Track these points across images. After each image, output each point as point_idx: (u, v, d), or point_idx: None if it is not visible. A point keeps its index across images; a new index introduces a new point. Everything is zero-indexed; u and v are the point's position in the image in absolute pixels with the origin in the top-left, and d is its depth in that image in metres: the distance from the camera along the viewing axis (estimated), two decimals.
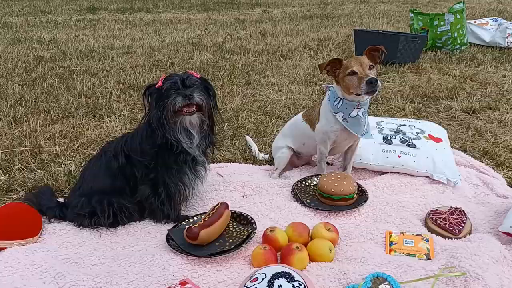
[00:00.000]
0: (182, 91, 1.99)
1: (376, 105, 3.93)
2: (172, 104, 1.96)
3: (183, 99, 1.97)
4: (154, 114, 2.00)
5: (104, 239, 1.96)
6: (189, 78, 2.05)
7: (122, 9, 11.62)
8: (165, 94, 1.99)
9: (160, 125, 1.99)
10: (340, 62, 2.29)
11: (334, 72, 2.31)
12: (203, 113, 2.08)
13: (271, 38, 7.46)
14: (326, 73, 2.33)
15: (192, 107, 2.01)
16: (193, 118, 2.05)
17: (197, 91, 2.03)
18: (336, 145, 2.44)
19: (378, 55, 2.35)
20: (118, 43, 6.90)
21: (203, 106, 2.06)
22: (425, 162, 2.52)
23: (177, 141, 2.02)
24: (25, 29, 8.26)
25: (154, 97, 2.01)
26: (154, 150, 2.01)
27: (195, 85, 2.06)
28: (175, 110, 1.98)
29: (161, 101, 1.98)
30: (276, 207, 2.21)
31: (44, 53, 6.12)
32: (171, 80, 2.02)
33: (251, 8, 12.34)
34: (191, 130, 2.07)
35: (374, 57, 2.34)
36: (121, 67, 5.34)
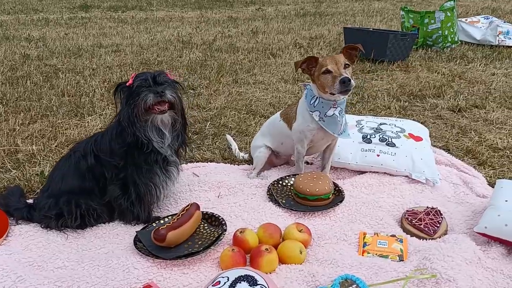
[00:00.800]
0: (154, 88, 1.95)
1: (362, 103, 3.90)
2: (143, 101, 1.92)
3: (154, 96, 1.93)
4: (124, 112, 1.96)
5: (71, 241, 1.92)
6: (161, 76, 2.01)
7: (115, 7, 11.56)
8: (136, 91, 1.94)
9: (130, 123, 1.95)
10: (316, 60, 2.25)
11: (310, 70, 2.28)
12: (176, 111, 2.04)
13: (262, 36, 7.42)
14: (302, 71, 2.30)
15: (164, 105, 1.97)
16: (164, 116, 2.00)
17: (169, 89, 1.99)
18: (313, 144, 2.40)
19: (356, 54, 2.32)
20: (107, 41, 6.85)
21: (176, 104, 2.02)
22: (404, 161, 2.48)
23: (148, 140, 1.98)
24: (15, 27, 8.20)
25: (125, 94, 1.97)
26: (123, 149, 1.97)
27: (167, 83, 2.02)
28: (146, 108, 1.94)
29: (132, 99, 1.94)
30: (250, 208, 2.17)
31: (32, 51, 6.07)
32: (142, 77, 1.97)
33: (245, 6, 12.29)
34: (162, 129, 2.02)
35: (352, 56, 2.30)
36: (108, 66, 5.29)
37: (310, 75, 2.29)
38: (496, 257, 1.85)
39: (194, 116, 3.63)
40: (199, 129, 3.33)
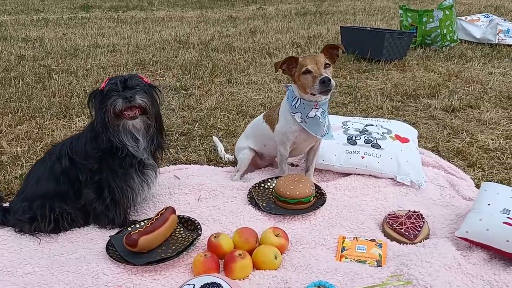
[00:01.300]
0: (123, 93, 1.91)
1: (354, 103, 3.85)
2: (112, 106, 1.88)
3: (123, 101, 1.89)
4: (98, 117, 1.93)
5: (44, 246, 1.89)
6: (132, 79, 1.97)
7: (115, 7, 11.55)
8: (107, 95, 1.91)
9: (104, 129, 1.91)
10: (296, 60, 2.21)
11: (290, 71, 2.24)
12: (148, 116, 2.00)
13: (260, 35, 7.37)
14: (282, 71, 2.26)
15: (134, 110, 1.92)
16: (136, 122, 1.96)
17: (140, 93, 1.94)
18: (296, 146, 2.37)
19: (337, 53, 2.28)
20: (104, 41, 6.84)
21: (148, 109, 1.97)
22: (389, 163, 2.43)
23: (122, 145, 1.95)
24: (15, 28, 8.21)
25: (98, 100, 1.94)
26: (99, 154, 1.94)
27: (139, 86, 1.97)
28: (115, 113, 1.90)
29: (103, 104, 1.91)
30: (229, 212, 2.13)
31: (28, 52, 6.07)
32: (112, 81, 1.94)
33: (246, 5, 12.24)
34: (136, 134, 1.99)
35: (332, 55, 2.26)
36: (102, 66, 5.28)
37: (290, 75, 2.25)
38: (477, 262, 1.80)
39: (184, 117, 3.59)
40: (187, 130, 3.30)
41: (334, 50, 2.26)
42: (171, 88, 4.37)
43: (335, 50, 2.26)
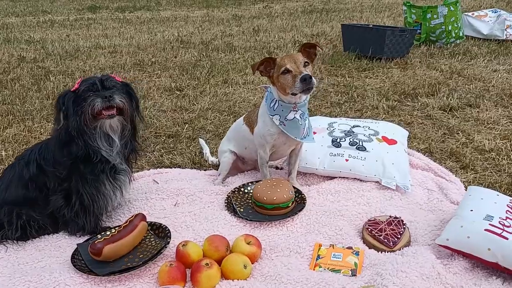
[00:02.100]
0: (101, 92, 1.87)
1: (350, 103, 3.75)
2: (90, 106, 1.84)
3: (102, 101, 1.86)
4: (72, 121, 1.88)
5: (10, 254, 1.85)
6: (109, 80, 1.94)
7: (122, 8, 11.57)
8: (83, 97, 1.87)
9: (80, 133, 1.87)
10: (274, 61, 2.15)
11: (268, 73, 2.17)
12: (125, 117, 1.96)
13: (263, 34, 7.29)
14: (260, 73, 2.19)
15: (112, 110, 1.89)
16: (113, 121, 1.93)
17: (118, 93, 1.91)
18: (276, 149, 2.30)
19: (315, 52, 2.21)
20: (106, 42, 6.83)
21: (124, 110, 1.94)
22: (374, 166, 2.35)
23: (97, 148, 1.90)
24: (20, 30, 8.26)
25: (71, 102, 1.89)
26: (70, 161, 1.89)
27: (116, 87, 1.94)
28: (93, 113, 1.86)
29: (79, 105, 1.86)
30: (204, 218, 2.08)
31: (29, 53, 6.08)
32: (89, 81, 1.90)
33: (252, 4, 12.16)
34: (111, 135, 1.95)
35: (310, 54, 2.19)
36: (100, 67, 5.26)
37: (268, 77, 2.18)
38: (458, 271, 1.72)
39: (174, 118, 3.55)
40: (176, 132, 3.25)
41: (311, 49, 2.19)
42: (165, 89, 4.33)
43: (312, 49, 2.19)
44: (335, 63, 5.11)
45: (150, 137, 3.20)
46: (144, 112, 3.68)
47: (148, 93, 4.20)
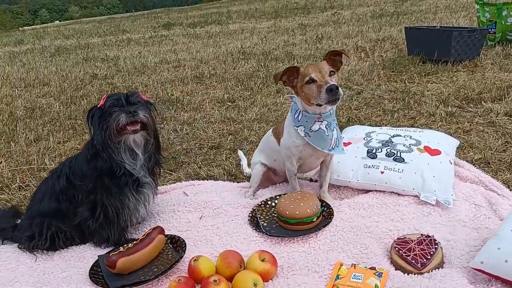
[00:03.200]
0: (126, 108, 1.92)
1: (404, 110, 3.53)
2: (115, 121, 1.90)
3: (126, 116, 1.91)
4: (97, 135, 1.95)
5: (39, 263, 1.94)
6: (133, 96, 1.99)
7: (195, 24, 12.02)
8: (108, 112, 1.93)
9: (104, 146, 1.93)
10: (297, 70, 2.06)
11: (291, 82, 2.09)
12: (148, 132, 2.00)
13: (326, 41, 7.18)
14: (283, 83, 2.11)
15: (136, 125, 1.94)
16: (137, 136, 1.97)
17: (142, 109, 1.96)
18: (303, 161, 2.20)
19: (340, 60, 2.09)
20: (173, 57, 7.11)
21: (148, 125, 1.98)
22: (412, 179, 2.16)
23: (121, 162, 1.95)
24: (99, 49, 8.88)
25: (97, 117, 1.96)
26: (95, 174, 1.96)
27: (140, 103, 1.99)
28: (118, 128, 1.91)
29: (104, 120, 1.93)
30: (225, 232, 2.04)
31: (102, 70, 6.50)
32: (114, 97, 1.96)
33: (322, 11, 12.05)
34: (135, 150, 1.99)
35: (336, 63, 2.08)
36: (162, 81, 5.47)
37: (292, 87, 2.10)
38: None
39: (222, 129, 3.57)
40: (219, 143, 3.26)
41: (337, 56, 2.08)
42: (218, 100, 4.38)
43: (338, 57, 2.08)
44: (396, 68, 4.86)
45: (194, 148, 3.24)
46: (193, 124, 3.74)
47: (201, 105, 4.27)
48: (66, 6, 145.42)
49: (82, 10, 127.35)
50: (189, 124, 3.77)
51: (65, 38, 11.89)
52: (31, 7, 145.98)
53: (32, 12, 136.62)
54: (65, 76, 6.37)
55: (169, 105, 4.37)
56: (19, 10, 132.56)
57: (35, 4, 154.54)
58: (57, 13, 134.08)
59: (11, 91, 5.76)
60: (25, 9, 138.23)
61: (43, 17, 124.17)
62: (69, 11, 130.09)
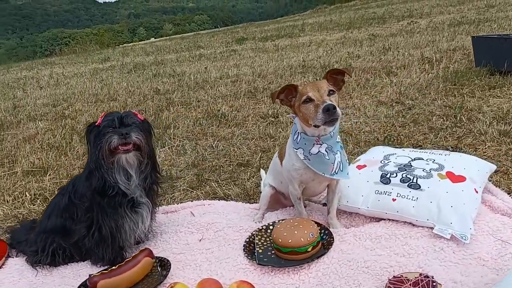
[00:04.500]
0: (119, 129, 1.95)
1: (452, 128, 3.22)
2: (107, 143, 1.93)
3: (119, 138, 1.93)
4: (92, 154, 2.00)
5: (39, 278, 2.01)
6: (128, 117, 2.01)
7: (266, 37, 12.12)
8: (103, 132, 1.97)
9: (98, 166, 1.97)
10: (295, 88, 1.95)
11: (289, 101, 1.98)
12: (142, 153, 2.00)
13: (392, 53, 6.83)
14: (280, 102, 2.01)
15: (128, 145, 1.95)
16: (129, 156, 1.98)
17: (135, 130, 1.97)
18: (305, 185, 2.07)
19: (343, 79, 1.95)
20: (234, 71, 7.19)
21: (142, 146, 1.98)
22: (427, 209, 1.94)
23: (114, 182, 1.98)
24: (171, 64, 9.26)
25: (93, 135, 2.01)
26: (90, 193, 2.00)
27: (135, 124, 2.00)
28: (110, 149, 1.94)
29: (99, 140, 1.97)
30: (216, 257, 1.97)
31: (166, 85, 6.75)
32: (109, 118, 2.00)
33: (398, 21, 11.54)
34: (129, 170, 2.00)
35: (337, 82, 1.94)
36: (217, 96, 5.54)
37: (290, 106, 1.99)
38: None
39: (258, 146, 3.51)
40: (247, 161, 3.20)
41: (338, 75, 1.94)
42: (261, 116, 4.33)
43: (340, 76, 1.94)
44: (459, 81, 4.47)
45: (224, 165, 3.21)
46: (230, 140, 3.73)
47: (244, 121, 4.25)
48: (161, 24, 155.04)
49: (175, 27, 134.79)
50: (227, 140, 3.75)
51: (146, 55, 12.59)
52: (130, 26, 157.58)
53: (131, 30, 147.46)
54: (132, 91, 6.71)
55: (213, 120, 4.40)
56: (120, 29, 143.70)
57: (134, 23, 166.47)
58: (153, 30, 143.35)
59: (82, 106, 6.19)
60: (125, 27, 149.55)
61: (140, 35, 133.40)
62: (163, 28, 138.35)
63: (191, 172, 3.15)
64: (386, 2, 19.11)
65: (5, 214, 2.89)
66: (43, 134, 4.87)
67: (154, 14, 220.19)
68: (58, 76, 10.20)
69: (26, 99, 7.51)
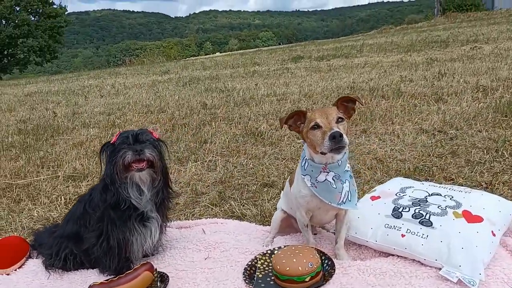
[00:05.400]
0: (133, 146, 2.03)
1: (490, 163, 3.03)
2: (121, 158, 2.01)
3: (133, 154, 2.01)
4: (107, 169, 2.09)
5: (50, 281, 2.11)
6: (143, 134, 2.08)
7: (322, 57, 12.06)
8: (117, 149, 2.06)
9: (112, 181, 2.05)
10: (304, 114, 1.94)
11: (298, 127, 1.97)
12: (155, 170, 2.07)
13: (447, 78, 6.57)
14: (289, 128, 2.00)
15: (142, 163, 2.02)
16: (142, 174, 2.05)
17: (149, 147, 2.04)
18: (312, 213, 2.03)
19: (353, 107, 1.91)
20: (283, 90, 7.22)
21: (155, 163, 2.05)
22: (436, 248, 1.84)
23: (127, 196, 2.05)
24: (224, 80, 9.45)
25: (109, 152, 2.10)
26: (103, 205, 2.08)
27: (149, 141, 2.07)
28: (124, 165, 2.02)
29: (113, 156, 2.06)
30: (215, 278, 1.97)
31: (214, 100, 6.89)
32: (124, 135, 2.08)
33: (461, 45, 11.09)
34: (141, 186, 2.07)
35: (347, 109, 1.91)
36: (260, 113, 5.57)
37: (298, 132, 1.98)
38: None
39: (286, 166, 3.50)
40: (272, 181, 3.19)
41: (349, 103, 1.90)
42: (296, 136, 4.31)
43: (350, 103, 1.90)
44: (511, 112, 4.22)
45: (249, 184, 3.23)
46: (261, 159, 3.74)
47: (279, 140, 4.25)
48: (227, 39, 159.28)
49: (240, 42, 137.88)
50: (258, 159, 3.77)
51: (203, 69, 12.94)
52: (198, 40, 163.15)
53: (198, 44, 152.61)
54: (181, 104, 6.91)
55: (250, 138, 4.43)
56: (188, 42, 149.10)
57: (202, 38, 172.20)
58: (219, 45, 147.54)
59: (132, 115, 6.46)
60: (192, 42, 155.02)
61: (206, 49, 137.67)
62: (229, 43, 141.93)
63: (216, 189, 3.19)
64: (454, 25, 18.46)
65: (39, 215, 3.07)
66: (91, 141, 5.14)
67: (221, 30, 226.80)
68: (119, 86, 10.71)
69: (86, 107, 7.95)
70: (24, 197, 3.44)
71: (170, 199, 2.19)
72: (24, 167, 4.23)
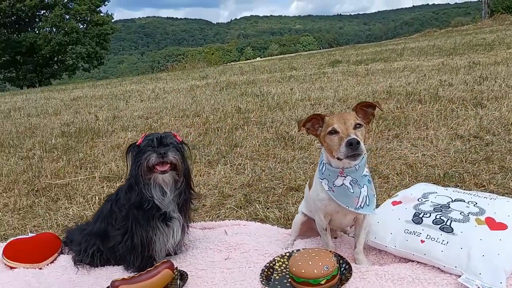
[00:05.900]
0: (157, 149, 2.10)
1: None
2: (146, 160, 2.10)
3: (157, 157, 2.09)
4: (132, 170, 2.17)
5: (78, 276, 2.21)
6: (168, 138, 2.16)
7: (361, 61, 11.93)
8: (142, 151, 2.14)
9: (136, 181, 2.14)
10: (322, 118, 1.95)
11: (316, 131, 1.98)
12: (178, 172, 2.14)
13: (488, 83, 6.35)
14: (306, 131, 2.01)
15: (165, 166, 2.10)
16: (165, 176, 2.13)
17: (173, 150, 2.11)
18: (330, 217, 2.03)
19: (372, 112, 1.90)
20: (317, 94, 7.19)
21: (178, 165, 2.12)
22: (456, 255, 1.80)
23: (151, 197, 2.13)
24: (260, 84, 9.51)
25: (134, 154, 2.19)
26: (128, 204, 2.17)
27: (172, 144, 2.14)
28: (148, 167, 2.10)
29: (138, 158, 2.14)
30: (233, 279, 2.01)
31: (248, 104, 6.95)
32: (149, 138, 2.16)
33: (507, 48, 10.67)
34: (164, 188, 2.15)
35: (367, 115, 1.90)
36: (291, 118, 5.58)
37: (316, 136, 1.99)
38: None
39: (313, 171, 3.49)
40: (298, 185, 3.20)
41: (368, 108, 1.90)
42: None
43: (370, 108, 1.90)
44: None
45: (276, 187, 3.25)
46: (290, 163, 3.75)
47: (309, 145, 4.25)
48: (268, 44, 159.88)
49: (281, 47, 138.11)
50: (287, 163, 3.78)
51: (241, 74, 13.06)
52: (239, 45, 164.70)
53: (239, 49, 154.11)
54: (216, 109, 7.02)
55: (280, 142, 4.45)
56: (229, 48, 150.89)
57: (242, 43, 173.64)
58: (259, 50, 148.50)
59: (169, 119, 6.62)
60: (233, 47, 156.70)
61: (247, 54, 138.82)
62: (269, 48, 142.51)
63: (243, 192, 3.23)
64: (502, 28, 17.78)
65: (74, 214, 3.21)
66: (128, 143, 5.30)
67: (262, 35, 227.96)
68: (159, 91, 10.99)
69: (126, 111, 8.21)
70: (62, 196, 3.61)
71: (192, 200, 2.25)
72: (64, 168, 4.42)
